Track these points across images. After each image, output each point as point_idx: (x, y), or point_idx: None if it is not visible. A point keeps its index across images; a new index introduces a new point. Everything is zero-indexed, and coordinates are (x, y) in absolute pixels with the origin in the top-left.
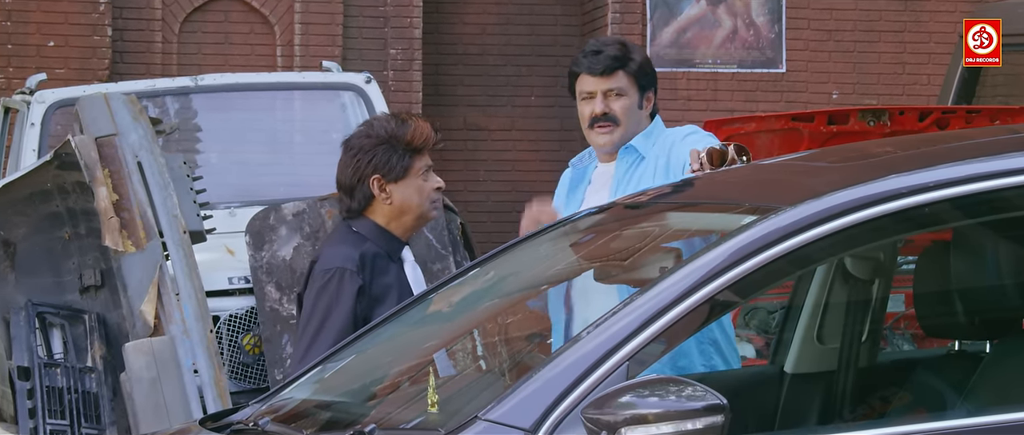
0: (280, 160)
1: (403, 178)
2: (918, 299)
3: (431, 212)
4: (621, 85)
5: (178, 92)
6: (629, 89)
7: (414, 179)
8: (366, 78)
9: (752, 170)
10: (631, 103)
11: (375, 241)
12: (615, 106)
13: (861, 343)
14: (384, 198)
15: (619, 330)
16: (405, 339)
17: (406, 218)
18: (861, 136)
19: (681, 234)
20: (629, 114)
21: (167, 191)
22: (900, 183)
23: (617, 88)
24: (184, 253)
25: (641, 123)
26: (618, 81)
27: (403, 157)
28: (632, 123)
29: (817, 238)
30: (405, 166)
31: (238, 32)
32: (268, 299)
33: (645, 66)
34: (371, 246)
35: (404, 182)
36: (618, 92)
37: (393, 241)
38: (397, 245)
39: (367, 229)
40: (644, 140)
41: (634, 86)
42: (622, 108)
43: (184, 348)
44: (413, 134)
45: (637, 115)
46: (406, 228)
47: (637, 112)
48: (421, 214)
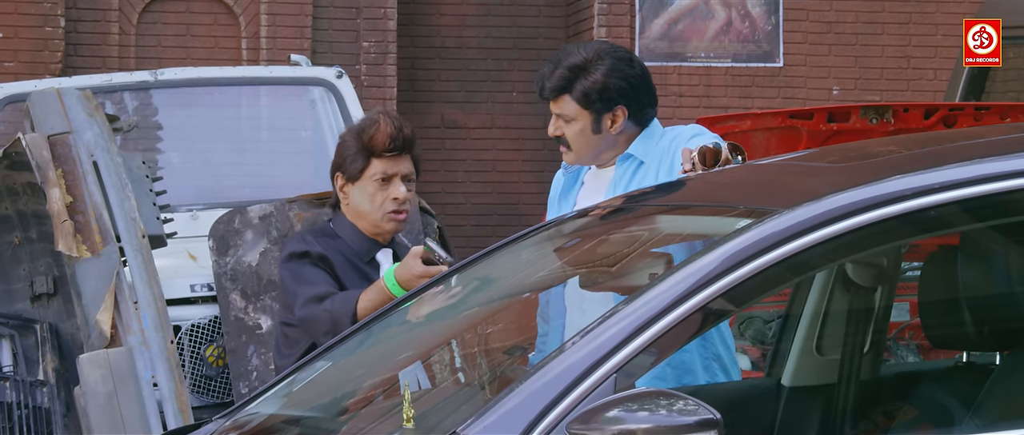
0: (245, 160)
1: (358, 179)
2: (923, 308)
3: (384, 223)
4: (565, 111)
5: (136, 87)
6: (577, 114)
7: (367, 183)
8: (337, 73)
9: (747, 170)
10: (581, 127)
11: (347, 240)
12: (565, 130)
13: (863, 354)
14: (343, 197)
15: (607, 340)
16: (379, 350)
17: (363, 223)
18: (863, 134)
19: (672, 238)
20: (580, 138)
21: (124, 193)
22: (904, 184)
23: (562, 113)
24: (143, 259)
25: (606, 141)
26: (562, 107)
27: (357, 158)
28: (588, 146)
29: (816, 243)
30: (359, 168)
31: (200, 23)
32: (233, 308)
33: (601, 86)
34: (341, 243)
35: (359, 184)
36: (565, 118)
37: (366, 242)
38: (370, 246)
39: (341, 226)
40: (642, 145)
41: (583, 110)
42: (571, 134)
43: (143, 360)
44: (372, 135)
45: (592, 139)
46: (370, 232)
47: (592, 136)
48: (374, 222)
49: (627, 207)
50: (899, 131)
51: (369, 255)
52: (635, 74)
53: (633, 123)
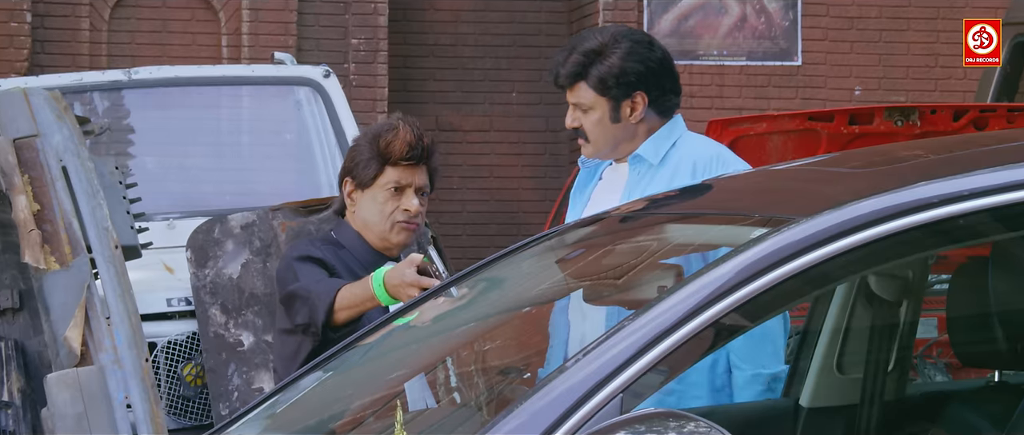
0: (226, 165)
1: (368, 187)
2: (952, 323)
3: (392, 237)
4: (582, 99)
5: (109, 87)
6: (595, 102)
7: (378, 191)
8: (324, 72)
9: (763, 176)
10: (598, 117)
11: (352, 250)
12: (583, 121)
13: (887, 373)
14: (350, 204)
15: (612, 358)
16: (369, 367)
17: (369, 234)
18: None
19: (682, 249)
20: (599, 129)
21: (96, 200)
22: (932, 191)
23: (578, 102)
24: (116, 271)
25: (626, 131)
26: (579, 95)
27: (370, 164)
28: (606, 137)
29: (837, 254)
30: (371, 175)
31: (177, 18)
32: (212, 323)
33: (618, 71)
34: (346, 254)
35: (369, 192)
36: (582, 107)
37: (370, 253)
38: (375, 259)
39: (346, 235)
40: (654, 146)
41: (600, 97)
42: (589, 124)
43: (115, 380)
44: (388, 141)
45: (611, 129)
46: (377, 244)
47: (611, 126)
48: (381, 234)
49: (634, 215)
50: (926, 134)
51: (374, 267)
52: (655, 58)
53: (654, 112)
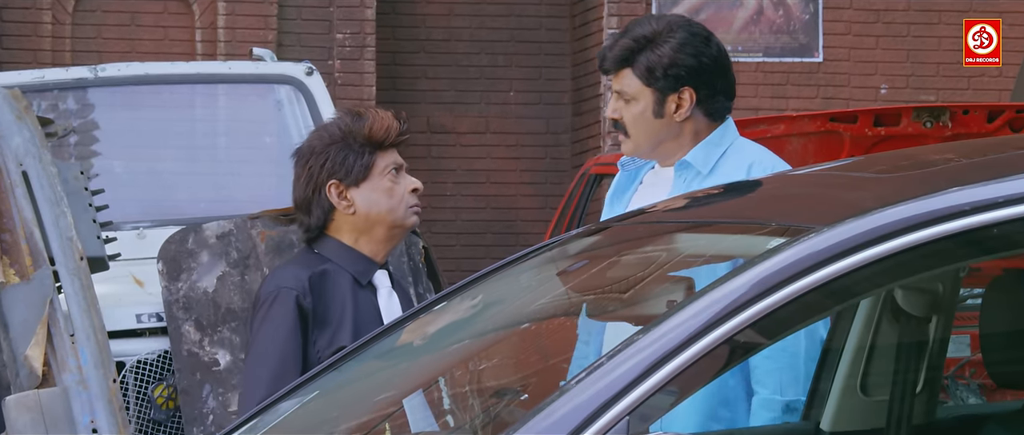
0: (201, 170)
1: (365, 179)
2: (986, 341)
3: (408, 218)
4: (626, 88)
5: (73, 85)
6: (639, 92)
7: (380, 179)
8: (306, 69)
9: (781, 181)
10: (641, 110)
11: (339, 263)
12: (624, 113)
13: (915, 395)
14: (346, 207)
15: (618, 377)
16: (357, 388)
17: (378, 230)
18: (915, 140)
19: (694, 260)
20: (639, 124)
21: (60, 208)
22: (964, 198)
23: (622, 90)
24: (81, 284)
25: (669, 129)
26: (623, 82)
27: (362, 154)
28: (648, 133)
29: (860, 265)
30: (366, 164)
31: (147, 11)
32: (185, 341)
33: (669, 61)
34: (332, 267)
35: (367, 184)
36: (625, 96)
37: (363, 262)
38: (368, 267)
39: (331, 250)
40: (705, 153)
41: (645, 88)
42: (630, 116)
43: (80, 402)
44: (372, 126)
45: (653, 125)
46: (379, 243)
47: (653, 121)
48: (395, 222)
49: (643, 223)
50: (958, 136)
51: (367, 277)
52: (710, 53)
53: (702, 113)
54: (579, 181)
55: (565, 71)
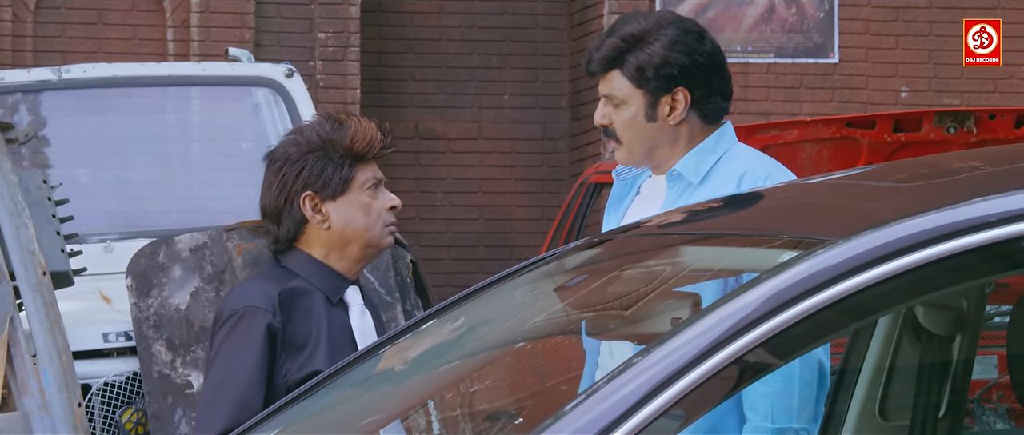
0: (173, 178)
1: (343, 193)
2: (1014, 362)
3: (384, 238)
4: (615, 90)
5: (35, 88)
6: (629, 95)
7: (357, 194)
8: (286, 70)
9: (794, 191)
10: (632, 114)
11: (309, 278)
12: (614, 118)
13: (938, 420)
14: (320, 221)
15: (620, 400)
16: (337, 412)
17: (351, 248)
18: (938, 147)
19: (700, 275)
20: (631, 129)
21: (20, 219)
22: (990, 209)
23: (611, 94)
24: (43, 301)
25: (663, 134)
26: (611, 84)
27: (341, 166)
28: (640, 139)
29: (879, 281)
30: (344, 178)
31: (115, 9)
32: (156, 362)
33: (660, 60)
34: (301, 283)
35: (344, 198)
36: (614, 100)
37: (333, 278)
38: (339, 284)
39: (299, 264)
40: (695, 162)
41: (636, 90)
42: (621, 122)
43: (42, 427)
44: (354, 136)
45: (645, 129)
46: (352, 261)
47: (645, 125)
48: (370, 241)
49: (646, 235)
50: (983, 143)
51: (338, 295)
52: (704, 51)
53: (697, 115)
54: (578, 190)
55: (562, 73)
